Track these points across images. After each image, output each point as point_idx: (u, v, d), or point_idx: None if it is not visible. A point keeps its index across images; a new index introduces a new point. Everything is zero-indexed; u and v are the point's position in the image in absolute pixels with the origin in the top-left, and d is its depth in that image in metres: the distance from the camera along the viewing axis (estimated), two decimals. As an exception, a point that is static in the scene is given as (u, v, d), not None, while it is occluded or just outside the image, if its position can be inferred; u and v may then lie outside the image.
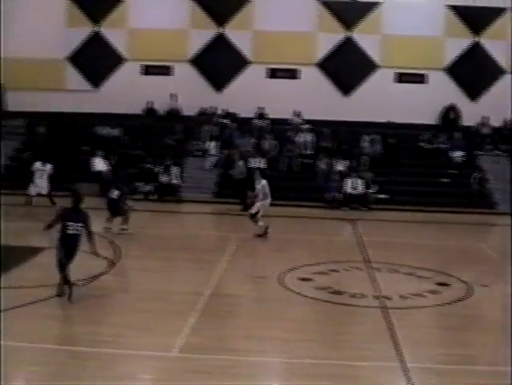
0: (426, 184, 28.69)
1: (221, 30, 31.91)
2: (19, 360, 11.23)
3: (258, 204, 21.11)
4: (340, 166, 28.77)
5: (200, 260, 18.48)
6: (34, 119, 32.13)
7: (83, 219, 14.15)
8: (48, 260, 17.13)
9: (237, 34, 31.63)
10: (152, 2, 31.72)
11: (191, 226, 24.15)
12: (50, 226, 14.72)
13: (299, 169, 29.44)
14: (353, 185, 27.60)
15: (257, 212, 20.95)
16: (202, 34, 31.89)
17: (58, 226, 14.25)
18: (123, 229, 20.95)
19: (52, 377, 10.39)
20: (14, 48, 31.91)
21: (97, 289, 15.30)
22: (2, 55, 31.62)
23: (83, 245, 17.47)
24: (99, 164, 28.53)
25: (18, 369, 10.92)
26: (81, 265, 17.07)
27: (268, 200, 21.29)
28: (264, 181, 21.31)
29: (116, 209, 21.10)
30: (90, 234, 14.30)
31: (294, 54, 31.29)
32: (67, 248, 14.18)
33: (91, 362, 10.99)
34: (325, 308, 14.23)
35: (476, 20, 31.16)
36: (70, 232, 14.08)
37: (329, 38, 31.36)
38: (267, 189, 21.19)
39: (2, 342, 10.95)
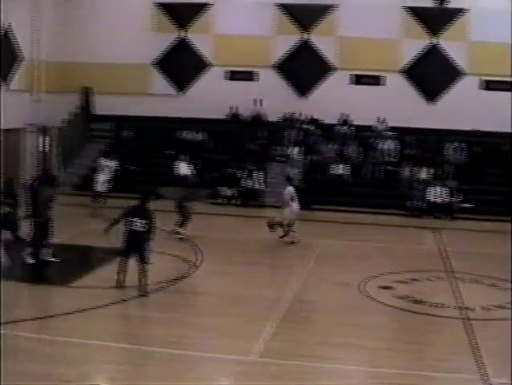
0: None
1: (305, 36, 31.95)
2: (103, 359, 11.53)
3: (284, 211, 20.99)
4: (424, 174, 28.45)
5: (281, 265, 18.58)
6: (120, 122, 32.77)
7: (147, 217, 14.85)
8: (129, 261, 17.51)
9: (322, 40, 31.59)
10: (237, 7, 31.96)
11: (274, 232, 24.22)
12: (113, 224, 15.37)
13: (382, 176, 29.24)
14: (437, 194, 27.26)
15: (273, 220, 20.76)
16: (287, 40, 31.96)
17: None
18: (177, 232, 21.03)
19: (134, 377, 10.63)
20: (102, 53, 32.64)
21: (179, 292, 15.55)
22: (89, 60, 32.43)
23: (167, 247, 17.82)
24: (183, 168, 28.84)
25: (100, 368, 11.22)
26: (164, 268, 17.42)
27: (295, 206, 21.09)
28: (290, 188, 21.18)
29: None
30: (150, 232, 14.98)
31: (379, 60, 31.08)
32: (130, 243, 14.87)
33: (172, 363, 11.18)
34: (405, 317, 14.14)
35: None
36: (134, 228, 14.76)
37: (414, 44, 31.03)
38: (294, 195, 21.05)
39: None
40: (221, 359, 11.37)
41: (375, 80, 31.45)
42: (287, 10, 31.79)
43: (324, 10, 31.38)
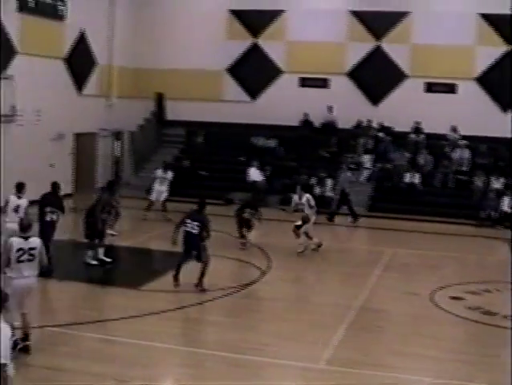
0: None
1: (378, 43, 31.79)
2: (169, 362, 11.70)
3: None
4: (497, 184, 28.01)
5: (351, 273, 18.50)
6: (192, 128, 33.11)
7: (201, 220, 15.82)
8: (200, 266, 17.67)
9: (395, 48, 31.37)
10: (310, 14, 31.96)
11: (343, 239, 24.20)
12: (177, 229, 16.21)
13: (454, 186, 28.88)
14: (511, 204, 26.80)
15: (301, 226, 20.22)
16: (359, 47, 31.85)
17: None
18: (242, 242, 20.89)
19: (199, 380, 10.75)
20: (176, 59, 33.07)
21: (248, 297, 15.64)
22: (162, 66, 32.88)
23: (237, 253, 17.92)
24: (255, 175, 29.02)
25: (166, 370, 11.38)
26: (233, 273, 17.55)
27: (313, 214, 20.63)
28: (308, 195, 20.92)
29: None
30: (206, 236, 15.84)
31: (452, 68, 30.67)
32: (187, 244, 15.71)
33: (238, 368, 11.27)
34: (476, 328, 13.95)
35: None
36: (186, 228, 15.74)
37: (488, 51, 30.56)
38: (312, 202, 20.71)
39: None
40: (287, 366, 11.41)
41: (448, 88, 31.07)
42: (360, 17, 31.69)
43: (397, 17, 31.16)
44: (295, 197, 21.16)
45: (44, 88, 26.60)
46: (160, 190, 25.45)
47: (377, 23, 31.56)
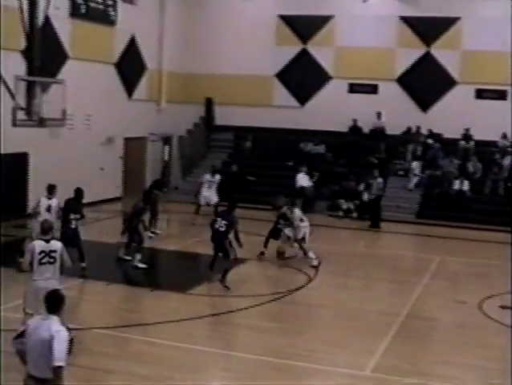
0: None
1: (428, 49, 31.55)
2: (215, 366, 11.74)
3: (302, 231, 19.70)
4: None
5: (398, 280, 18.39)
6: (241, 133, 33.22)
7: (229, 219, 16.81)
8: (249, 270, 17.74)
9: (445, 54, 31.10)
10: (359, 20, 31.87)
11: (391, 246, 24.01)
12: (211, 226, 17.03)
13: (504, 193, 28.49)
14: (562, 212, 26.37)
15: (303, 238, 19.47)
16: (409, 53, 31.65)
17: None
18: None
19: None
20: (225, 65, 33.23)
21: (295, 303, 15.63)
22: (211, 72, 33.05)
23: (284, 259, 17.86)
24: (303, 180, 28.98)
25: (212, 374, 11.43)
26: (280, 278, 17.56)
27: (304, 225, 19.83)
28: (296, 210, 20.15)
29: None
30: (236, 235, 17.05)
31: (504, 74, 30.30)
32: (214, 240, 16.79)
33: (283, 373, 11.27)
34: (525, 339, 13.76)
35: None
36: (215, 226, 16.66)
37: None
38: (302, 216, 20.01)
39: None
40: (333, 372, 11.37)
41: (499, 94, 30.69)
42: (409, 23, 31.48)
43: (447, 23, 30.87)
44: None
45: (95, 93, 26.94)
46: (209, 194, 25.40)
47: (427, 29, 31.31)
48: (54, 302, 7.62)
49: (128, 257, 18.39)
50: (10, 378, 10.29)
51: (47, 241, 11.36)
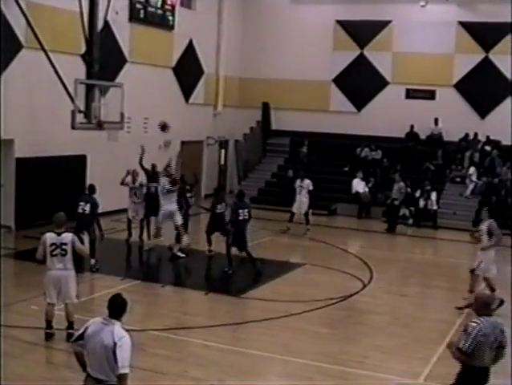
0: None
1: (486, 54, 31.14)
2: (269, 370, 11.75)
3: None
4: None
5: (454, 288, 18.14)
6: (297, 138, 33.20)
7: (248, 208, 18.31)
8: (303, 275, 17.72)
9: (504, 59, 30.64)
10: (417, 25, 31.62)
11: (447, 253, 23.74)
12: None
13: None
14: None
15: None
16: (467, 59, 31.30)
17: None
18: None
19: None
20: (282, 69, 33.27)
21: (349, 309, 15.56)
22: (267, 76, 33.12)
23: (338, 264, 17.82)
24: (358, 186, 28.88)
25: (266, 378, 11.43)
26: (335, 284, 17.50)
27: None
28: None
29: None
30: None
31: None
32: (237, 230, 17.84)
33: (336, 380, 11.22)
34: None
35: None
36: (240, 217, 17.81)
37: None
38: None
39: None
40: (386, 379, 11.29)
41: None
42: (467, 28, 31.12)
43: (505, 28, 30.37)
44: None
45: (153, 96, 27.22)
46: (301, 201, 24.69)
47: (486, 34, 30.91)
48: (116, 307, 7.66)
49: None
50: (63, 377, 10.46)
51: (59, 234, 12.12)
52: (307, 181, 24.85)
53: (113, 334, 7.39)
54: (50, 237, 12.12)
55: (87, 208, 17.31)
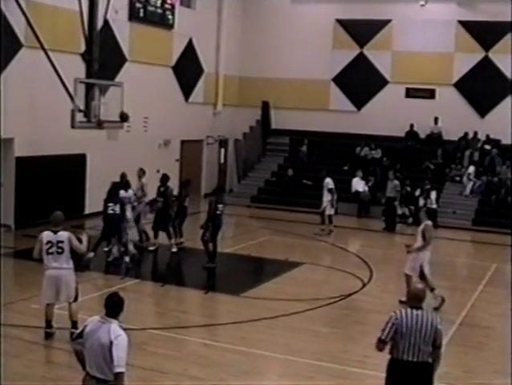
0: None
1: (486, 53, 31.13)
2: (269, 370, 11.75)
3: None
4: None
5: (453, 287, 18.16)
6: (297, 137, 33.18)
7: (225, 203, 18.62)
8: (303, 274, 17.72)
9: (504, 58, 30.65)
10: (417, 24, 31.61)
11: (446, 252, 23.72)
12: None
13: None
14: None
15: None
16: (467, 58, 31.30)
17: None
18: None
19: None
20: (281, 68, 33.26)
21: (349, 308, 15.57)
22: (267, 75, 33.12)
23: (339, 263, 17.83)
24: (358, 185, 28.88)
25: (266, 377, 11.44)
26: (335, 283, 17.51)
27: None
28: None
29: None
30: None
31: None
32: (214, 225, 17.98)
33: (336, 379, 11.22)
34: None
35: None
36: (218, 212, 17.89)
37: None
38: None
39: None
40: (383, 378, 11.27)
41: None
42: (467, 27, 31.11)
43: (506, 27, 30.36)
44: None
45: (152, 95, 27.22)
46: (325, 201, 24.40)
47: (485, 33, 30.90)
48: (113, 306, 7.64)
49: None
50: (64, 376, 10.47)
51: (55, 232, 12.04)
52: (327, 180, 24.66)
53: (110, 333, 7.37)
54: (46, 235, 12.07)
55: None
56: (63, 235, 12.04)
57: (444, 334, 13.46)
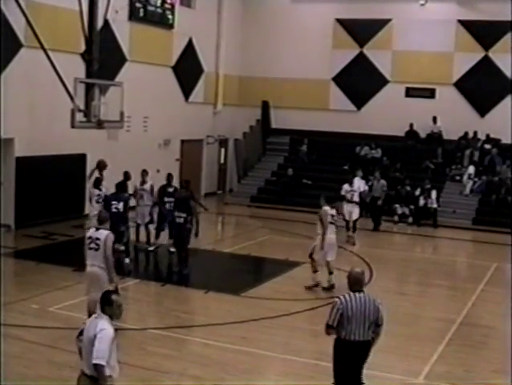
0: None
1: (486, 53, 31.13)
2: (269, 369, 11.75)
3: None
4: None
5: (453, 287, 18.19)
6: (297, 136, 33.18)
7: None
8: (302, 274, 17.71)
9: (503, 58, 30.61)
10: (416, 24, 31.59)
11: (446, 252, 23.76)
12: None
13: None
14: None
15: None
16: (467, 57, 31.29)
17: None
18: None
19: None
20: (281, 68, 33.25)
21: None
22: (266, 75, 33.12)
23: (338, 262, 17.78)
24: (359, 184, 28.80)
25: (266, 377, 11.43)
26: (335, 282, 17.45)
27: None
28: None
29: None
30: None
31: None
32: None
33: (337, 378, 11.20)
34: None
35: None
36: (167, 206, 18.36)
37: None
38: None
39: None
40: (387, 378, 11.29)
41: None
42: (467, 26, 31.10)
43: (504, 26, 30.33)
44: None
45: (152, 95, 27.22)
46: (349, 208, 23.26)
47: (485, 33, 30.88)
48: (105, 302, 7.66)
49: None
50: (64, 376, 10.48)
51: (97, 229, 12.25)
52: (358, 183, 23.95)
53: (96, 327, 7.41)
54: (90, 231, 12.42)
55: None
56: (103, 233, 12.13)
57: (445, 333, 13.56)
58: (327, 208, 16.49)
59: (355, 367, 9.28)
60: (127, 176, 19.44)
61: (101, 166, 20.09)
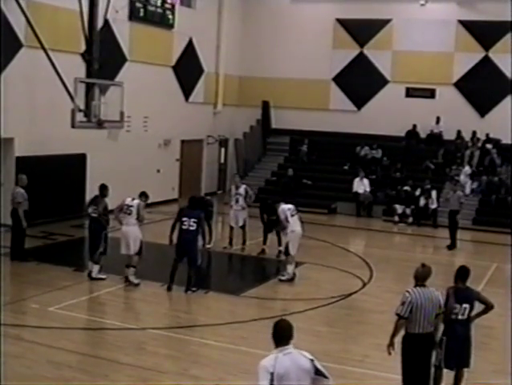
0: None
1: (486, 53, 31.13)
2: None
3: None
4: None
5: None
6: (297, 136, 33.18)
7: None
8: (303, 274, 17.71)
9: (503, 58, 30.64)
10: (417, 24, 31.61)
11: (446, 252, 23.72)
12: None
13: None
14: None
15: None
16: (467, 58, 31.30)
17: None
18: None
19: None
20: (282, 68, 33.25)
21: (349, 308, 15.57)
22: (267, 75, 33.11)
23: (339, 263, 17.86)
24: (359, 186, 28.85)
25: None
26: (335, 283, 17.50)
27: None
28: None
29: None
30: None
31: None
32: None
33: (338, 379, 11.16)
34: None
35: None
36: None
37: None
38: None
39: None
40: (388, 378, 11.28)
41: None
42: (467, 26, 31.09)
43: (504, 27, 30.33)
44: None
45: (152, 95, 27.22)
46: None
47: (486, 33, 30.88)
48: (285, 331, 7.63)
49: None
50: (64, 376, 10.47)
51: (133, 199, 16.37)
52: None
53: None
54: (128, 199, 16.33)
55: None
56: (135, 202, 16.21)
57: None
58: (283, 205, 17.97)
59: (424, 361, 9.86)
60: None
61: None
